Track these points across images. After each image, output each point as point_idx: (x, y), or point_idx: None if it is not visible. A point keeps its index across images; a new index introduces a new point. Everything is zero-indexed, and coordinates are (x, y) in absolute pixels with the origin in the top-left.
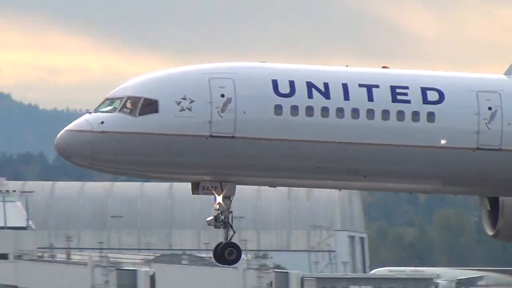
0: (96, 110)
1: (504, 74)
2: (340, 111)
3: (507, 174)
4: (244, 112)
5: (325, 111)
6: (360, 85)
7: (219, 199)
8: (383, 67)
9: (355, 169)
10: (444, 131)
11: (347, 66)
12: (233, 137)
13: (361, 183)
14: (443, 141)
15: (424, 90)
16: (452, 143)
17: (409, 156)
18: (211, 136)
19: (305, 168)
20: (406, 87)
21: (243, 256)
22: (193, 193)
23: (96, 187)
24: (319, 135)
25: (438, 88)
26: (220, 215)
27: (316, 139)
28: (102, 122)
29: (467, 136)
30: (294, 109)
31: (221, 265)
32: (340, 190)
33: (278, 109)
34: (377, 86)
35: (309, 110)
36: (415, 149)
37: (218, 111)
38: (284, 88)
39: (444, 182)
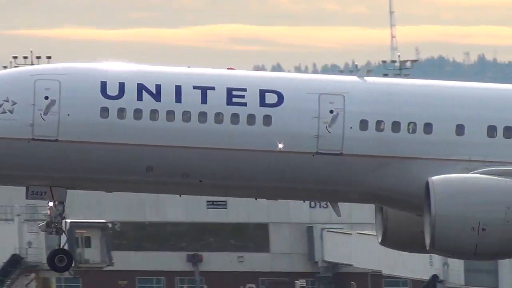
0: None
1: (357, 76)
2: (170, 114)
3: (346, 180)
4: (68, 114)
5: (154, 113)
6: (195, 87)
7: (51, 204)
8: (229, 68)
9: (188, 174)
10: (281, 135)
11: (188, 67)
12: (56, 140)
13: (197, 188)
14: (280, 145)
15: (263, 93)
16: (290, 148)
17: (245, 160)
18: (33, 139)
19: (134, 173)
20: (244, 89)
21: None
22: (26, 198)
23: None
24: (148, 138)
25: (278, 90)
26: (52, 220)
27: (144, 143)
28: None
29: (306, 140)
30: (121, 112)
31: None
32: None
33: (104, 111)
34: (212, 88)
35: (137, 113)
36: (250, 153)
37: (40, 114)
38: (113, 90)
39: (284, 187)
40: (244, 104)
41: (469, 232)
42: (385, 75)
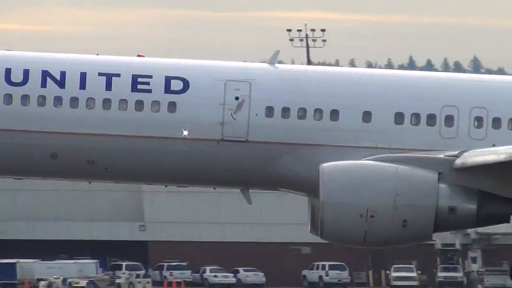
0: None
1: (268, 63)
2: (74, 101)
3: (253, 167)
4: None
5: (58, 100)
6: (100, 74)
7: None
8: (138, 55)
9: (93, 161)
10: (186, 122)
11: (97, 54)
12: None
13: (103, 175)
14: (185, 133)
15: (168, 79)
16: (195, 135)
17: (150, 147)
18: None
19: (40, 160)
20: (150, 76)
21: None
22: None
23: None
24: (52, 125)
25: (184, 77)
26: None
27: (48, 130)
28: None
29: (211, 127)
30: (25, 99)
31: None
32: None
33: (8, 98)
34: (118, 75)
35: (41, 100)
36: (155, 140)
37: None
38: (17, 77)
39: (191, 174)
40: (149, 91)
41: (357, 219)
42: None
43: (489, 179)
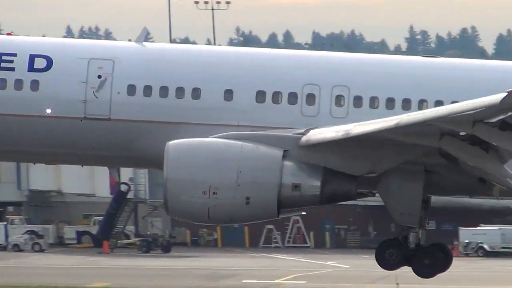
0: None
1: (135, 41)
2: None
3: (116, 145)
4: None
5: None
6: None
7: None
8: (8, 34)
9: None
10: (49, 100)
11: None
12: None
13: None
14: (48, 111)
15: (32, 58)
16: (58, 113)
17: (15, 126)
18: None
19: None
20: (14, 54)
21: None
22: None
23: None
24: None
25: (48, 55)
26: None
27: None
28: None
29: (73, 105)
30: None
31: None
32: None
33: None
34: None
35: None
36: (19, 118)
37: None
38: None
39: (57, 152)
40: (12, 69)
41: (200, 196)
42: None
43: (333, 157)
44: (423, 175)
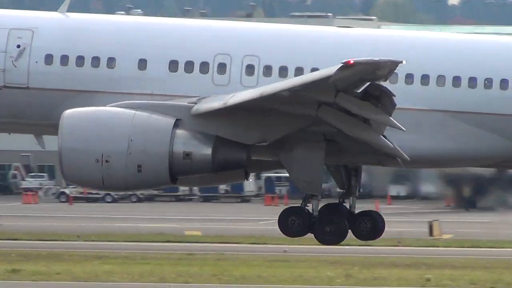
0: None
1: (58, 11)
2: None
3: (36, 113)
4: None
5: None
6: None
7: None
8: None
9: None
10: None
11: None
12: None
13: None
14: None
15: None
16: None
17: None
18: None
19: None
20: None
21: None
22: None
23: None
24: None
25: None
26: None
27: None
28: None
29: None
30: None
31: None
32: None
33: None
34: None
35: None
36: None
37: None
38: None
39: None
40: None
41: (93, 164)
42: None
43: (224, 126)
44: (323, 144)
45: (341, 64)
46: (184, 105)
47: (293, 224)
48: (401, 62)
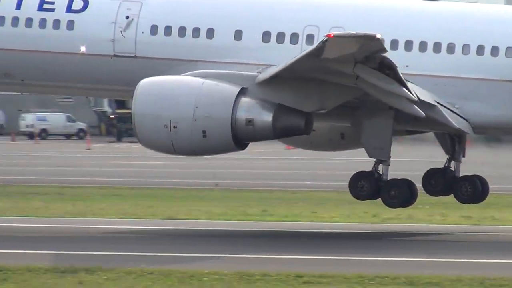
0: None
1: None
2: None
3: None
4: None
5: None
6: None
7: None
8: None
9: (9, 74)
10: (82, 39)
11: None
12: None
13: (20, 87)
14: (82, 49)
15: (72, 0)
16: (91, 51)
17: (54, 62)
18: None
19: None
20: None
21: None
22: None
23: None
24: None
25: None
26: None
27: None
28: None
29: (104, 44)
30: None
31: None
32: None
33: None
34: None
35: None
36: (58, 55)
37: None
38: None
39: (89, 87)
40: (52, 10)
41: (162, 129)
42: None
43: (284, 94)
44: (392, 112)
45: (324, 38)
46: (251, 74)
47: (362, 188)
48: (375, 35)
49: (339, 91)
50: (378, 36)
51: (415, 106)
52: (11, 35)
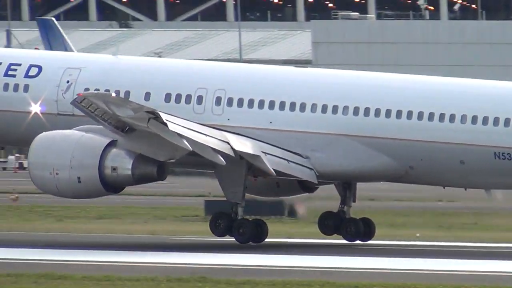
0: None
1: (112, 54)
2: None
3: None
4: None
5: None
6: None
7: None
8: (35, 48)
9: None
10: (36, 99)
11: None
12: None
13: None
14: (36, 108)
15: (30, 67)
16: (42, 110)
17: (12, 119)
18: None
19: None
20: (19, 64)
21: None
22: None
23: None
24: None
25: (39, 64)
26: None
27: None
28: None
29: (51, 104)
30: None
31: None
32: None
33: None
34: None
35: None
36: (16, 113)
37: None
38: None
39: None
40: (14, 76)
41: (48, 175)
42: None
43: (142, 145)
44: (243, 161)
45: (76, 96)
46: None
47: (219, 225)
48: (110, 94)
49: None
50: (113, 94)
51: (218, 155)
52: None
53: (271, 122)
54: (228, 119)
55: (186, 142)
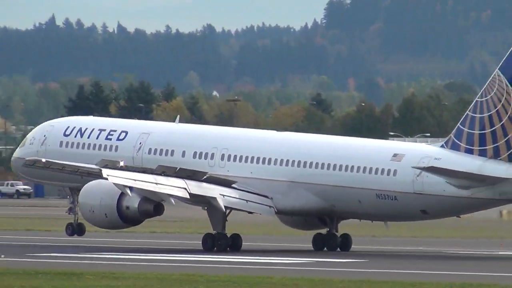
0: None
1: (174, 122)
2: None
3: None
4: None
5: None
6: (100, 129)
7: None
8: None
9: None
10: (122, 156)
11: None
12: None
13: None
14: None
15: (120, 132)
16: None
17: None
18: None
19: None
20: (115, 130)
21: None
22: None
23: None
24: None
25: (127, 130)
26: None
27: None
28: None
29: (128, 161)
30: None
31: None
32: None
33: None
34: (104, 130)
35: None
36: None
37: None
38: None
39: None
40: (111, 139)
41: (88, 212)
42: None
43: (141, 189)
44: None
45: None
46: None
47: (213, 246)
48: (41, 160)
49: None
50: (44, 160)
51: (169, 197)
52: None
53: (251, 172)
54: (228, 171)
55: (128, 191)
